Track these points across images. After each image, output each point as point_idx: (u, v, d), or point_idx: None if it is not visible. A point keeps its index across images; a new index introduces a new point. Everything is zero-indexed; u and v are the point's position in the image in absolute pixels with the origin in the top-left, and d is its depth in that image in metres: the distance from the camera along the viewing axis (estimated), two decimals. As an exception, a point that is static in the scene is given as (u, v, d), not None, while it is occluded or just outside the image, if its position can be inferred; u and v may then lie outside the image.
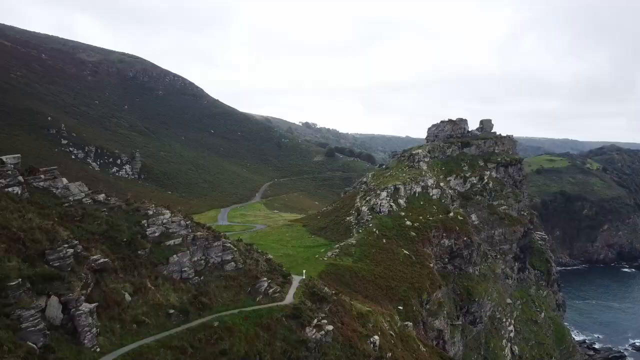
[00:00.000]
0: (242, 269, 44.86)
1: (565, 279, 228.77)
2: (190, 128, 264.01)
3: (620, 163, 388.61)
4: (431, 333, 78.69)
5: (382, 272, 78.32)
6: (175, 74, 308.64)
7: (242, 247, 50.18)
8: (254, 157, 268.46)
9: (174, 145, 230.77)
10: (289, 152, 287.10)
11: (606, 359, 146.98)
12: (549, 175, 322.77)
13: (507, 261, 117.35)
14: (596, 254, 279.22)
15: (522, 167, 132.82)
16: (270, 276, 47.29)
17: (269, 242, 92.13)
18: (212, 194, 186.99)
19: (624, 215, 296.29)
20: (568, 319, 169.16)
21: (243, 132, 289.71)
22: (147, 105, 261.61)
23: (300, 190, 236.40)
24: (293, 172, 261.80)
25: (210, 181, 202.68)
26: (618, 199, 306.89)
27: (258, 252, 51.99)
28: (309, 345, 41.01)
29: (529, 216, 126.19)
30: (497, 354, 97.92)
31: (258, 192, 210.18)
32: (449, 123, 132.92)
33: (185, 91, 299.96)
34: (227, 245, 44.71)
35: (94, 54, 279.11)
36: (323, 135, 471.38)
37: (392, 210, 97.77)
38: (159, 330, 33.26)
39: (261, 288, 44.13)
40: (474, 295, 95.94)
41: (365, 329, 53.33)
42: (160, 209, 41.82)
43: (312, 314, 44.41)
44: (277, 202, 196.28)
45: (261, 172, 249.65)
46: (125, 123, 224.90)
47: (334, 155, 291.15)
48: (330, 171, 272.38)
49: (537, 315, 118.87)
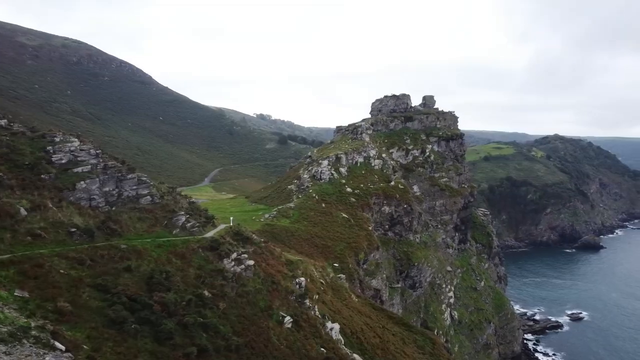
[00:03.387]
0: (159, 204, 44.04)
1: (511, 260, 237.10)
2: (139, 115, 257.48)
3: (563, 151, 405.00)
4: (368, 292, 79.54)
5: (319, 232, 78.62)
6: (122, 60, 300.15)
7: (164, 188, 49.23)
8: (205, 144, 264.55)
9: (121, 131, 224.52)
10: (240, 139, 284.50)
11: (545, 327, 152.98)
12: (496, 162, 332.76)
13: (447, 231, 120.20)
14: (540, 236, 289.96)
15: (463, 142, 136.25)
16: (191, 214, 46.62)
17: (209, 209, 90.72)
18: (158, 177, 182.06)
19: (566, 200, 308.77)
20: (511, 294, 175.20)
21: (194, 119, 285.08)
22: (93, 91, 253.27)
23: (251, 176, 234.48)
24: (244, 159, 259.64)
25: (158, 165, 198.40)
26: (560, 184, 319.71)
27: (181, 195, 51.11)
28: (225, 275, 40.62)
29: (469, 189, 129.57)
30: (437, 318, 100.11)
31: (207, 177, 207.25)
32: (392, 98, 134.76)
33: (133, 78, 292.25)
34: (143, 180, 43.80)
35: (34, 37, 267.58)
36: (278, 127, 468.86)
37: (332, 177, 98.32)
38: (57, 245, 32.19)
39: (178, 222, 43.43)
40: (413, 260, 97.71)
41: (294, 273, 53.42)
42: (69, 137, 40.48)
43: (232, 248, 44.05)
44: (226, 187, 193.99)
45: (212, 158, 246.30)
46: (68, 108, 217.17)
47: (287, 143, 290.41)
48: (283, 158, 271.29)
49: (477, 283, 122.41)
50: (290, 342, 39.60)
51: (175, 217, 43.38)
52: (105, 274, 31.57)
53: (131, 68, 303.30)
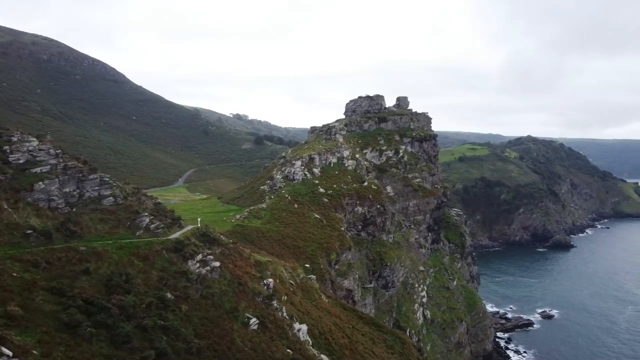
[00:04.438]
0: (123, 205, 43.20)
1: (484, 259, 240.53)
2: (111, 114, 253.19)
3: (536, 152, 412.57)
4: (340, 292, 79.55)
5: (290, 233, 78.34)
6: (94, 59, 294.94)
7: (129, 189, 48.35)
8: (180, 144, 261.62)
9: (92, 130, 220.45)
10: (216, 139, 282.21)
11: (516, 326, 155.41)
12: (470, 162, 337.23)
13: (420, 231, 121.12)
14: (513, 235, 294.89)
15: (437, 143, 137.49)
16: (155, 215, 45.89)
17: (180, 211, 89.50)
18: (130, 178, 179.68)
19: (538, 200, 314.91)
20: (484, 293, 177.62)
21: (168, 119, 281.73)
22: (64, 90, 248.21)
23: (226, 177, 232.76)
24: (220, 160, 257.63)
25: (131, 166, 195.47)
26: (533, 184, 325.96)
27: (147, 196, 50.28)
28: (190, 277, 40.07)
29: (442, 189, 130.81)
30: (409, 317, 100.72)
31: (181, 178, 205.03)
32: (366, 99, 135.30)
33: (106, 76, 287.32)
34: (106, 180, 42.90)
35: (2, 34, 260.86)
36: (254, 127, 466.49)
37: (306, 178, 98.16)
38: (12, 247, 31.29)
39: (142, 223, 42.68)
40: (386, 260, 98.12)
41: (262, 274, 53.05)
42: (27, 137, 39.42)
43: (197, 250, 43.50)
44: (200, 187, 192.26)
45: (186, 159, 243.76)
46: (38, 107, 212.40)
47: (263, 143, 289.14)
48: (259, 158, 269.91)
49: (449, 282, 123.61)
50: (255, 344, 39.28)
51: (139, 219, 42.63)
52: (62, 277, 30.82)
53: (104, 66, 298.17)
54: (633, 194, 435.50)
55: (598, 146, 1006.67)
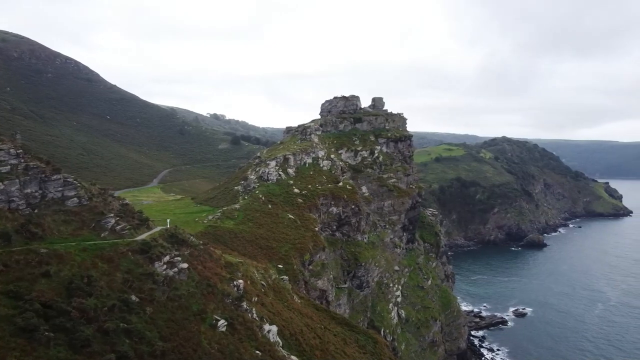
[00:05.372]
0: (87, 206, 42.33)
1: (460, 258, 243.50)
2: (84, 113, 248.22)
3: (510, 153, 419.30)
4: (314, 293, 79.43)
5: (264, 233, 77.91)
6: (67, 57, 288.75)
7: (95, 189, 47.40)
8: (155, 144, 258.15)
9: (64, 130, 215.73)
10: (192, 139, 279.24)
11: (490, 324, 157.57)
12: (446, 163, 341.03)
13: (395, 231, 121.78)
14: (488, 235, 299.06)
15: (412, 144, 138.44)
16: (122, 216, 45.08)
17: (152, 212, 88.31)
18: (103, 178, 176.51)
19: (512, 200, 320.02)
20: (459, 292, 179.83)
21: (143, 118, 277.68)
22: (35, 88, 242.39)
23: (202, 177, 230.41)
24: (196, 160, 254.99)
25: (104, 166, 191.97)
26: (507, 184, 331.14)
27: (113, 196, 49.38)
28: (156, 278, 39.46)
29: (417, 189, 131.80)
30: (384, 317, 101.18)
31: (156, 178, 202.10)
32: (341, 99, 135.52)
33: (79, 75, 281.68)
34: (70, 181, 41.97)
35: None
36: (232, 127, 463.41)
37: (280, 178, 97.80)
38: (-33, 250, 30.36)
39: (107, 224, 41.88)
40: (360, 259, 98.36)
41: (232, 275, 52.60)
42: (-14, 136, 38.31)
43: (165, 251, 42.87)
44: (176, 188, 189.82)
45: (161, 159, 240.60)
46: (7, 105, 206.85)
47: (240, 143, 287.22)
48: (236, 159, 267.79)
49: (424, 282, 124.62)
50: (222, 346, 38.87)
51: (104, 220, 41.84)
52: (20, 280, 30.05)
53: (77, 65, 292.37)
54: (604, 194, 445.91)
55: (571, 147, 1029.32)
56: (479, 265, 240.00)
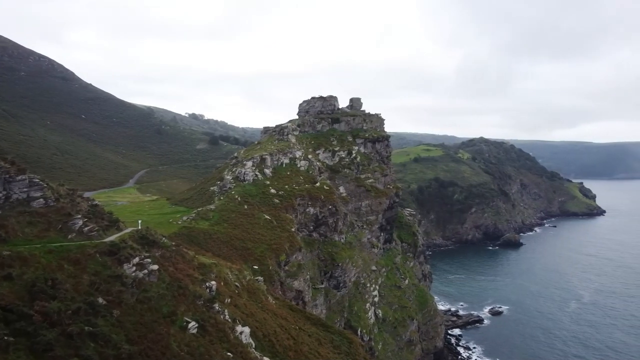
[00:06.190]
0: (54, 207, 41.44)
1: (438, 258, 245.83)
2: (59, 112, 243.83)
3: (487, 153, 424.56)
4: (290, 293, 79.25)
5: (239, 234, 77.42)
6: (41, 55, 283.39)
7: (63, 190, 46.46)
8: (131, 144, 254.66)
9: (38, 129, 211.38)
10: (170, 139, 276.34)
11: (467, 322, 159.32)
12: (425, 163, 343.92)
13: (373, 231, 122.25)
14: (465, 234, 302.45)
15: (389, 144, 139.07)
16: (90, 217, 44.26)
17: (126, 213, 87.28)
18: (78, 179, 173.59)
19: (489, 199, 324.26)
20: (437, 291, 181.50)
21: (120, 118, 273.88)
22: (7, 87, 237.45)
23: (180, 177, 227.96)
24: (174, 160, 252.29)
25: (79, 166, 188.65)
26: (484, 184, 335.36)
27: (82, 197, 48.46)
28: (124, 280, 38.79)
29: (394, 189, 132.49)
30: (361, 317, 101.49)
31: (132, 179, 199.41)
32: (319, 99, 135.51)
33: (53, 73, 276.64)
34: (36, 181, 41.04)
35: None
36: (211, 127, 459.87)
37: (257, 179, 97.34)
38: None
39: (75, 226, 41.06)
40: (337, 260, 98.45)
41: (205, 276, 52.10)
42: (-54, 135, 37.20)
43: (134, 253, 42.22)
44: (152, 188, 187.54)
45: (138, 159, 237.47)
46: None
47: (218, 143, 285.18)
48: (214, 159, 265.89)
49: (401, 281, 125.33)
50: (192, 348, 38.39)
51: (72, 221, 41.01)
52: (-21, 284, 29.22)
53: (51, 63, 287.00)
54: (578, 194, 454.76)
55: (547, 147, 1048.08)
56: (457, 264, 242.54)
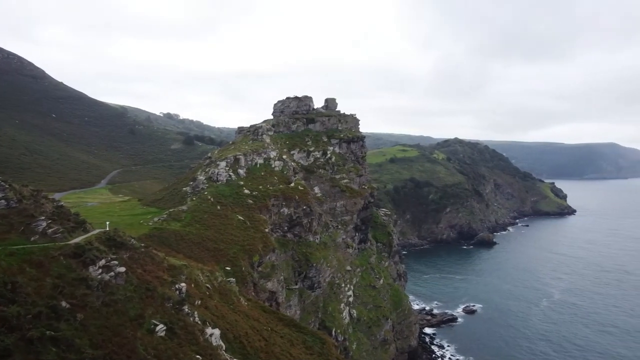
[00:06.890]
0: (16, 208, 40.35)
1: (413, 257, 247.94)
2: (28, 111, 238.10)
3: (462, 154, 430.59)
4: (263, 294, 78.77)
5: (211, 235, 76.62)
6: (10, 52, 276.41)
7: (26, 191, 45.24)
8: (104, 143, 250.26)
9: (6, 128, 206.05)
10: (143, 139, 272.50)
11: (441, 321, 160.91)
12: (401, 163, 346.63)
13: (348, 231, 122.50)
14: (440, 234, 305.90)
15: (364, 144, 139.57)
16: (55, 219, 43.20)
17: (96, 214, 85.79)
18: (48, 179, 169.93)
19: (463, 199, 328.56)
20: (412, 291, 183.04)
21: (91, 117, 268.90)
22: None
23: (154, 178, 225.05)
24: (147, 160, 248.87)
25: (48, 166, 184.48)
26: (459, 184, 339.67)
27: (47, 198, 47.26)
28: (90, 283, 37.91)
29: (369, 189, 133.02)
30: (335, 317, 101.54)
31: (105, 179, 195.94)
32: (294, 100, 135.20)
33: (22, 71, 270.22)
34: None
35: None
36: (186, 127, 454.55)
37: (230, 179, 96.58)
38: None
39: (38, 228, 40.00)
40: (312, 260, 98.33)
41: (175, 278, 51.36)
42: None
43: (101, 255, 41.33)
44: (125, 189, 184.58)
45: (111, 159, 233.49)
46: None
47: (193, 143, 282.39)
48: (189, 159, 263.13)
49: (376, 281, 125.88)
50: (160, 351, 37.72)
51: (35, 223, 39.95)
52: None
53: (20, 60, 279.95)
54: (550, 194, 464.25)
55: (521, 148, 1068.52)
56: (432, 264, 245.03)
